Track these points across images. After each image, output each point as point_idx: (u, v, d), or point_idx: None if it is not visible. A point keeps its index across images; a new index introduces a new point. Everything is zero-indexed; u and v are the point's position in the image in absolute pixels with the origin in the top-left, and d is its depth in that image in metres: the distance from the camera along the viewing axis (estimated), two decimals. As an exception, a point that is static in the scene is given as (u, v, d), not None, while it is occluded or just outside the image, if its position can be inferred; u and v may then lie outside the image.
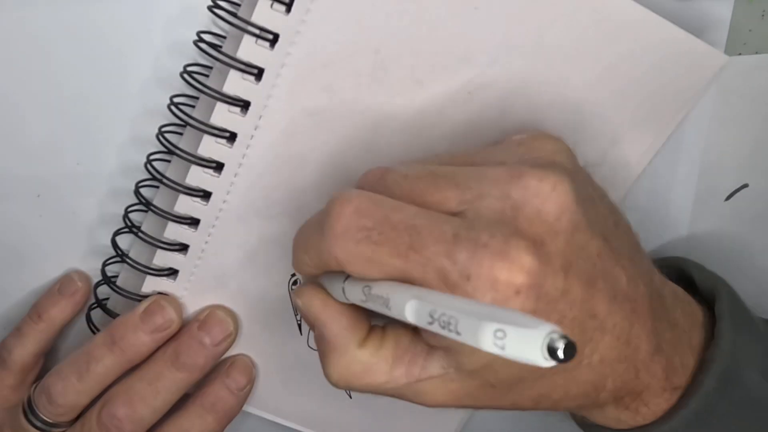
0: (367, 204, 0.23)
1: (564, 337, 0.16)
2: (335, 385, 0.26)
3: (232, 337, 0.33)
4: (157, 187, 0.31)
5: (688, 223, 0.37)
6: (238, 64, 0.27)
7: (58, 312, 0.33)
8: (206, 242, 0.31)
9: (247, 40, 0.27)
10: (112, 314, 0.32)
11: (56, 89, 0.30)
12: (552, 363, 0.16)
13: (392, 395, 0.26)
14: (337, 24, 0.27)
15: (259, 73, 0.28)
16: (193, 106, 0.31)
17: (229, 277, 0.32)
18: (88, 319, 0.33)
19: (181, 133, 0.31)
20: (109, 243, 0.32)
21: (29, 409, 0.32)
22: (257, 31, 0.27)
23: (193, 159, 0.29)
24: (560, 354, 0.16)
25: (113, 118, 0.31)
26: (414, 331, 0.25)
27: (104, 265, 0.33)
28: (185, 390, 0.32)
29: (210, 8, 0.29)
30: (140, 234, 0.31)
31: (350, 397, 0.37)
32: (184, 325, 0.32)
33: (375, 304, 0.23)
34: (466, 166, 0.25)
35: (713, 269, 0.32)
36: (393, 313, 0.22)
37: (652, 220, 0.37)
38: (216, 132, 0.28)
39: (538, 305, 0.22)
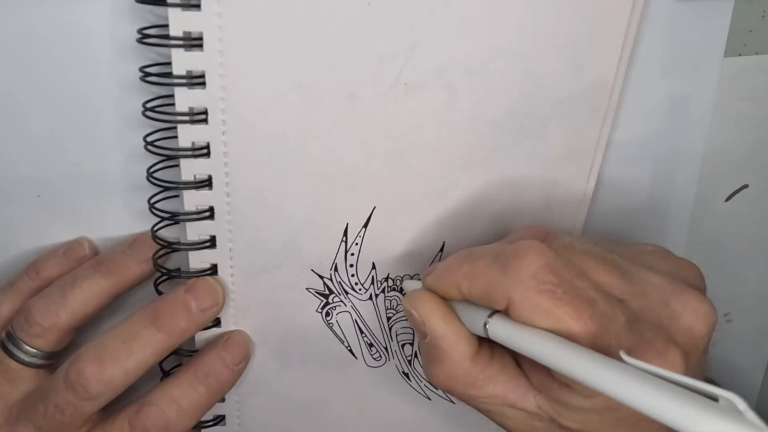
0: (558, 263, 0.25)
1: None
2: (436, 386, 0.28)
3: (219, 307, 0.31)
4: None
5: (689, 223, 0.37)
6: (184, 152, 0.28)
7: (58, 274, 0.32)
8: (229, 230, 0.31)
9: (182, 127, 0.28)
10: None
11: (56, 89, 0.30)
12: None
13: (481, 408, 0.28)
14: (254, 76, 0.27)
15: (207, 151, 0.28)
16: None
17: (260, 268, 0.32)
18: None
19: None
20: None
21: (7, 338, 0.31)
22: (188, 119, 0.28)
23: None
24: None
25: (113, 117, 0.31)
26: (516, 362, 0.28)
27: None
28: (163, 355, 0.30)
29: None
30: (175, 246, 0.31)
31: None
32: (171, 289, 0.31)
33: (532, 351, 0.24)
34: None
35: (713, 270, 0.32)
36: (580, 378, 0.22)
37: (653, 220, 0.37)
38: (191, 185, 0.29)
39: None
